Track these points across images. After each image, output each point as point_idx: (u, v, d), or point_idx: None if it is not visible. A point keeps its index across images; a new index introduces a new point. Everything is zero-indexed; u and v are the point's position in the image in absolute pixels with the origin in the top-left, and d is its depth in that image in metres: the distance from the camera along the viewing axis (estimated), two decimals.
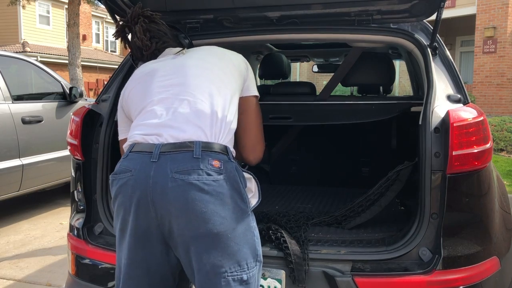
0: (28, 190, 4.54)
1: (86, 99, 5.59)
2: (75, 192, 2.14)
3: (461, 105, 1.77)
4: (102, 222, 2.01)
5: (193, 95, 1.48)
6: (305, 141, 3.32)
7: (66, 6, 14.56)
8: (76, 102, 5.15)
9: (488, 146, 1.67)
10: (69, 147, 2.14)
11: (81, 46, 11.94)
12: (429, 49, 1.94)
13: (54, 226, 4.42)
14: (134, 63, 1.83)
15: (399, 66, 8.56)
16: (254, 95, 1.68)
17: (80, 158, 2.07)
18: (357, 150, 3.27)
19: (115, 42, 26.30)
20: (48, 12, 20.73)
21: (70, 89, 5.10)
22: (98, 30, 25.23)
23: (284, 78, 3.60)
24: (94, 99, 2.31)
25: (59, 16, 21.31)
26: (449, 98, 1.80)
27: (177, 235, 1.38)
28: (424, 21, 2.17)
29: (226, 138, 1.48)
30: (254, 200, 1.53)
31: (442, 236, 1.65)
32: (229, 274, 1.38)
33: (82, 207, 2.09)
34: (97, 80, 21.54)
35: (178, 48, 1.71)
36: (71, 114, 2.18)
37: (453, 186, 1.65)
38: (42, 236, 4.16)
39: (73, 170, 2.15)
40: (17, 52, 12.51)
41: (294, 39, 2.37)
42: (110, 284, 1.92)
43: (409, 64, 3.55)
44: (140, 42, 1.67)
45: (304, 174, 3.35)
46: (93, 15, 23.92)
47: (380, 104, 2.65)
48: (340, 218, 2.09)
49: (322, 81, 14.30)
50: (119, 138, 1.72)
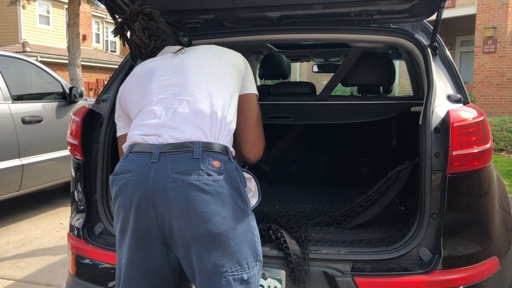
0: (28, 190, 4.54)
1: (86, 99, 5.59)
2: (75, 192, 2.14)
3: (461, 105, 1.77)
4: (102, 222, 2.01)
5: (192, 95, 1.48)
6: (305, 141, 3.32)
7: (66, 6, 14.56)
8: (76, 102, 5.15)
9: (488, 146, 1.67)
10: (69, 147, 2.14)
11: (81, 46, 11.94)
12: (429, 49, 1.94)
13: (54, 226, 4.42)
14: (133, 61, 1.83)
15: (399, 66, 8.56)
16: (253, 93, 1.68)
17: (80, 158, 2.07)
18: (357, 150, 3.27)
19: (115, 42, 26.31)
20: (48, 12, 20.72)
21: (70, 89, 5.10)
22: (98, 30, 25.22)
23: (284, 78, 3.60)
24: (94, 99, 2.31)
25: (59, 16, 21.31)
26: (449, 98, 1.80)
27: (177, 236, 1.38)
28: (424, 21, 2.17)
29: (226, 138, 1.48)
30: (254, 200, 1.53)
31: (442, 236, 1.65)
32: (229, 273, 1.38)
33: (82, 207, 2.09)
34: (97, 80, 21.53)
35: (177, 46, 1.70)
36: (71, 114, 2.18)
37: (453, 186, 1.65)
38: (42, 236, 4.16)
39: (73, 170, 2.15)
40: (17, 52, 12.51)
41: (294, 39, 2.37)
42: (110, 284, 1.92)
43: (409, 64, 3.55)
44: (139, 40, 1.66)
45: (304, 174, 3.35)
46: (93, 15, 23.92)
47: (380, 104, 2.65)
48: (340, 218, 2.09)
49: (322, 81, 14.31)
50: (118, 134, 1.72)
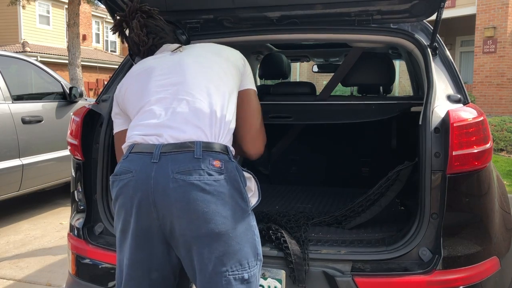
0: (28, 190, 4.54)
1: (86, 99, 5.59)
2: (75, 192, 2.14)
3: (461, 105, 1.77)
4: (103, 222, 2.01)
5: (191, 95, 1.48)
6: (305, 141, 3.32)
7: (66, 6, 14.56)
8: (76, 102, 5.15)
9: (488, 146, 1.67)
10: (69, 147, 2.14)
11: (81, 46, 11.94)
12: (429, 49, 1.94)
13: (54, 226, 4.42)
14: (131, 58, 1.82)
15: (399, 66, 8.57)
16: (252, 89, 1.67)
17: (80, 158, 2.07)
18: (357, 150, 3.27)
19: (115, 42, 26.31)
20: (48, 12, 20.72)
21: (70, 89, 5.10)
22: (98, 30, 25.22)
23: (284, 78, 3.60)
24: (94, 99, 2.31)
25: (59, 16, 21.31)
26: (449, 98, 1.80)
27: (179, 235, 1.38)
28: (424, 21, 2.17)
29: (226, 138, 1.48)
30: (254, 199, 1.53)
31: (442, 236, 1.65)
32: (230, 273, 1.38)
33: (82, 207, 2.09)
34: (97, 80, 21.53)
35: (175, 44, 1.69)
36: (71, 114, 2.18)
37: (453, 186, 1.65)
38: (42, 236, 4.16)
39: (73, 170, 2.15)
40: (17, 52, 12.49)
41: (294, 39, 2.38)
42: (111, 284, 1.92)
43: (409, 64, 3.55)
44: (136, 38, 1.66)
45: (304, 174, 3.35)
46: (93, 15, 23.92)
47: (380, 104, 2.65)
48: (340, 218, 2.09)
49: (322, 81, 14.31)
50: (115, 131, 1.71)
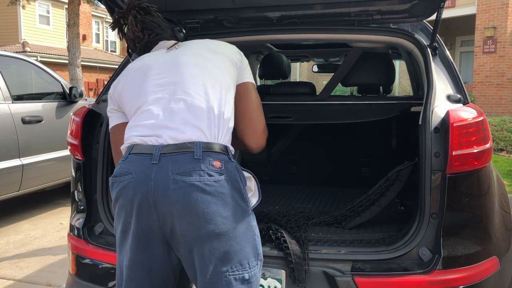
0: (28, 190, 4.54)
1: (86, 99, 5.59)
2: (76, 192, 2.14)
3: (461, 105, 1.77)
4: (103, 222, 2.01)
5: (189, 94, 1.47)
6: (305, 141, 3.32)
7: (66, 6, 14.55)
8: (76, 102, 5.15)
9: (488, 146, 1.68)
10: (69, 147, 2.14)
11: (81, 46, 11.94)
12: (429, 49, 1.95)
13: (54, 226, 4.42)
14: (129, 55, 1.82)
15: (399, 66, 8.57)
16: (250, 82, 1.66)
17: (80, 158, 2.07)
18: (357, 150, 3.27)
19: (115, 42, 26.31)
20: (48, 12, 20.72)
21: (70, 89, 5.10)
22: (98, 30, 25.22)
23: (284, 78, 3.60)
24: (94, 99, 2.31)
25: (59, 16, 21.31)
26: (449, 98, 1.80)
27: (179, 236, 1.37)
28: (424, 21, 2.17)
29: (225, 137, 1.47)
30: (254, 199, 1.52)
31: (442, 236, 1.65)
32: (231, 273, 1.38)
33: (82, 207, 2.10)
34: (97, 80, 21.53)
35: (172, 41, 1.68)
36: (71, 114, 2.18)
37: (453, 186, 1.65)
38: (42, 236, 4.16)
39: (73, 170, 2.15)
40: (17, 52, 12.50)
41: (294, 39, 2.38)
42: (111, 284, 1.92)
43: (409, 64, 3.56)
44: (131, 34, 1.65)
45: (304, 174, 3.35)
46: (93, 15, 23.92)
47: (380, 104, 2.65)
48: (340, 218, 2.09)
49: (322, 81, 14.31)
50: (111, 125, 1.67)
